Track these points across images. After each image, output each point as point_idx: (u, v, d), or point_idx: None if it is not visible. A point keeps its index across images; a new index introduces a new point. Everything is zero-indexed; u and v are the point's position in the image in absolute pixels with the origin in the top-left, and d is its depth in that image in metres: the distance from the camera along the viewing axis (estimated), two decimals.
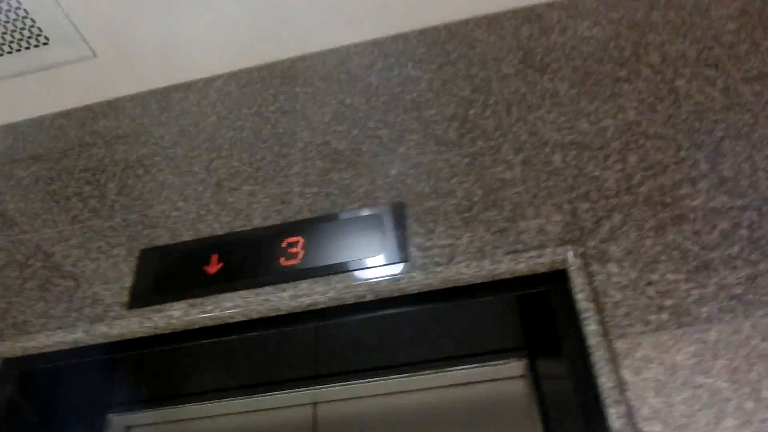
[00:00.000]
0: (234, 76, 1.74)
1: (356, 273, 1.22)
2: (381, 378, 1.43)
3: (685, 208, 1.16)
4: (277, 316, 1.24)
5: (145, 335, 1.28)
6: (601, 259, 1.13)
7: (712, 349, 0.99)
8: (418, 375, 1.42)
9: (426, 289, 1.19)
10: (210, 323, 1.26)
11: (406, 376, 1.42)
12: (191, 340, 1.26)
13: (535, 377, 1.34)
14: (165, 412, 1.52)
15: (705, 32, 1.42)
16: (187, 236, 1.40)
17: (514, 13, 1.62)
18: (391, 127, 1.47)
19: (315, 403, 1.48)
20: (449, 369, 1.41)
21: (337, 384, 1.45)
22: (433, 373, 1.42)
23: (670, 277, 1.08)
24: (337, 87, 1.60)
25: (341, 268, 1.23)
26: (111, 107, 1.79)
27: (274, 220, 1.37)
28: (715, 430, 0.92)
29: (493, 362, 1.40)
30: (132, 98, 1.79)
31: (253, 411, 1.49)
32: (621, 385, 0.99)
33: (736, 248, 1.08)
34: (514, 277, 1.17)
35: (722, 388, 0.95)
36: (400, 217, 1.29)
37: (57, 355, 1.32)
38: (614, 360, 1.01)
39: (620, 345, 1.03)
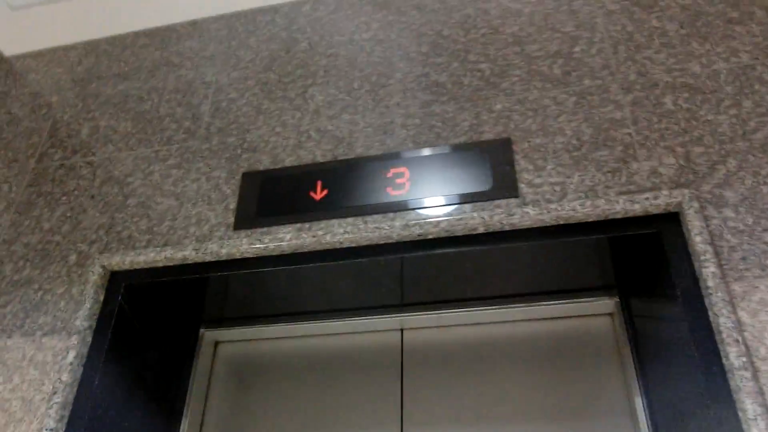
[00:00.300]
0: (321, 1, 1.71)
1: (466, 206, 1.24)
2: (472, 308, 1.48)
3: None
4: (385, 244, 1.28)
5: (254, 256, 1.32)
6: (717, 204, 1.15)
7: None
8: (508, 307, 1.46)
9: (538, 225, 1.21)
10: (318, 248, 1.29)
11: (495, 308, 1.47)
12: (297, 263, 1.30)
13: (627, 316, 1.38)
14: (255, 330, 1.59)
15: None
16: (288, 162, 1.42)
17: None
18: (492, 61, 1.46)
19: (402, 330, 1.53)
20: (539, 303, 1.46)
21: (426, 312, 1.50)
22: (522, 306, 1.46)
23: None
24: (433, 17, 1.58)
25: (451, 201, 1.26)
26: (195, 28, 1.77)
27: (377, 150, 1.39)
28: None
29: (584, 299, 1.43)
30: (216, 20, 1.77)
31: (343, 333, 1.55)
32: (739, 326, 1.03)
33: None
34: (626, 218, 1.19)
35: None
36: (507, 152, 1.30)
37: (163, 271, 1.36)
38: (732, 302, 1.05)
39: (737, 288, 1.06)
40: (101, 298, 1.35)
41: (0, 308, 1.37)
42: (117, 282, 1.37)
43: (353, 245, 1.28)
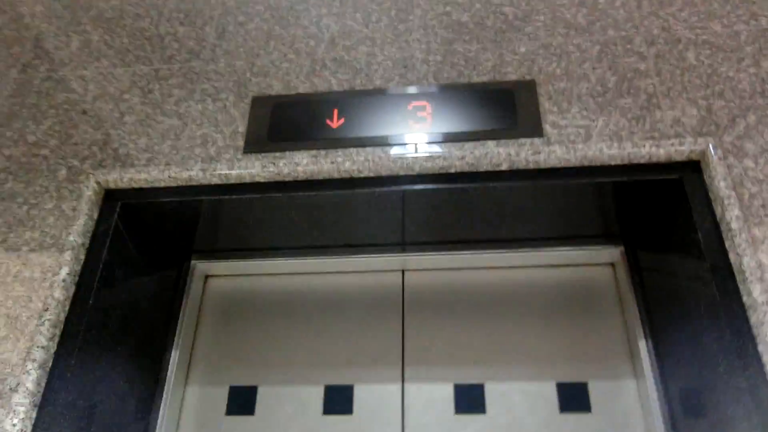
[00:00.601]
0: None
1: (490, 142, 1.22)
2: (474, 251, 1.46)
3: None
4: (406, 176, 1.24)
5: (266, 180, 1.26)
6: (738, 154, 1.17)
7: None
8: (513, 252, 1.46)
9: (562, 165, 1.21)
10: (336, 175, 1.25)
11: (498, 252, 1.46)
12: (312, 190, 1.25)
13: (634, 265, 1.39)
14: (249, 264, 1.52)
15: None
16: (302, 89, 1.36)
17: None
18: (516, 5, 1.43)
19: (403, 270, 1.51)
20: (542, 249, 1.46)
21: (427, 253, 1.48)
22: (524, 251, 1.46)
23: None
24: None
25: (474, 137, 1.23)
26: None
27: (398, 83, 1.35)
28: None
29: (587, 247, 1.44)
30: None
31: (344, 272, 1.51)
32: (760, 266, 1.05)
33: None
34: (649, 163, 1.20)
35: None
36: (531, 93, 1.29)
37: (166, 191, 1.28)
38: (753, 244, 1.07)
39: (757, 232, 1.09)
40: (95, 215, 1.26)
41: None
42: (113, 200, 1.28)
43: (372, 174, 1.24)
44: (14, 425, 1.02)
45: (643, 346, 1.30)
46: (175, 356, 1.37)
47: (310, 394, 1.34)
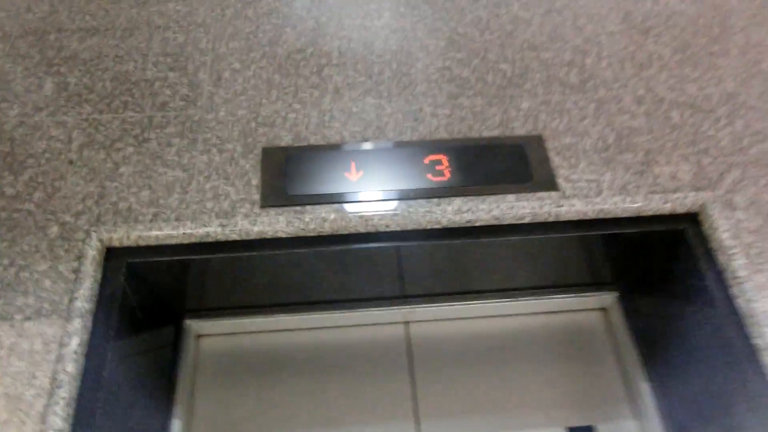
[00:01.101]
0: None
1: (510, 196, 1.26)
2: (477, 301, 1.48)
3: None
4: (432, 229, 1.24)
5: (288, 236, 1.21)
6: (730, 206, 1.29)
7: None
8: (514, 300, 1.49)
9: (580, 218, 1.26)
10: (362, 230, 1.22)
11: (497, 302, 1.49)
12: (338, 244, 1.22)
13: (630, 310, 1.47)
14: (245, 322, 1.44)
15: None
16: (313, 140, 1.33)
17: None
18: (511, 62, 1.50)
19: (407, 322, 1.49)
20: (539, 297, 1.50)
21: (430, 305, 1.48)
22: (523, 300, 1.50)
23: None
24: (446, 15, 1.59)
25: (493, 191, 1.26)
26: None
27: (410, 136, 1.35)
28: None
29: (581, 294, 1.51)
30: None
31: (348, 326, 1.47)
32: (761, 307, 1.15)
33: None
34: (655, 215, 1.29)
35: None
36: (541, 149, 1.34)
37: (177, 248, 1.20)
38: (759, 290, 1.17)
39: (760, 278, 1.19)
40: (99, 277, 1.14)
41: None
42: (115, 259, 1.17)
43: (399, 228, 1.23)
44: None
45: (640, 386, 1.37)
46: (177, 425, 1.26)
47: None
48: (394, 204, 1.23)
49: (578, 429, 1.38)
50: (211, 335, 1.44)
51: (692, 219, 1.30)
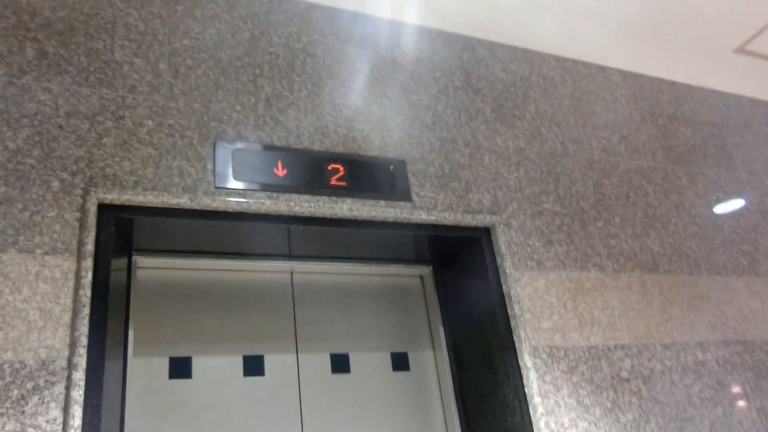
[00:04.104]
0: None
1: (383, 201, 1.89)
2: (342, 263, 2.11)
3: (543, 208, 2.18)
4: (333, 218, 1.83)
5: (235, 211, 1.70)
6: (508, 226, 2.08)
7: (555, 282, 2.05)
8: (364, 265, 2.15)
9: (421, 222, 1.95)
10: (285, 213, 1.76)
11: (356, 264, 2.14)
12: (267, 222, 1.75)
13: (439, 279, 2.22)
14: (180, 262, 1.89)
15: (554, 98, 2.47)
16: (251, 139, 1.81)
17: (460, 38, 2.39)
18: (388, 98, 2.11)
19: (292, 272, 2.07)
20: (387, 265, 2.19)
21: (309, 262, 2.08)
22: (372, 265, 2.17)
23: (537, 244, 2.10)
24: (344, 56, 2.13)
25: (374, 196, 1.89)
26: None
27: (319, 146, 1.90)
28: (583, 333, 1.98)
29: (408, 265, 2.23)
30: None
31: (253, 271, 2.00)
32: (518, 294, 1.96)
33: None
34: (466, 226, 2.03)
35: (554, 303, 2.02)
36: (404, 171, 1.99)
37: (153, 210, 1.62)
38: (516, 281, 1.98)
39: (516, 274, 2.01)
40: (97, 226, 1.54)
41: None
42: (107, 213, 1.57)
43: (308, 215, 1.80)
44: (79, 396, 1.34)
45: (439, 330, 2.15)
46: (131, 334, 1.71)
47: (234, 362, 1.84)
48: (307, 197, 1.79)
49: (397, 354, 2.11)
50: (151, 268, 1.87)
51: (486, 231, 2.06)
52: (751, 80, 3.04)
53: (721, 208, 2.61)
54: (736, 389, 2.09)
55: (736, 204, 2.67)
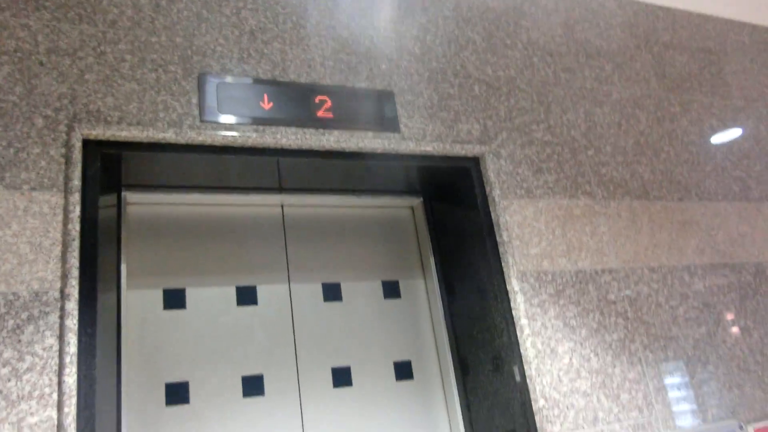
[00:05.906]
0: None
1: (371, 132, 1.89)
2: (332, 195, 2.13)
3: (533, 137, 2.18)
4: (320, 150, 1.83)
5: (221, 145, 1.71)
6: (498, 156, 2.08)
7: (544, 209, 2.06)
8: (357, 197, 2.17)
9: (410, 152, 1.95)
10: (272, 146, 1.77)
11: (344, 196, 2.16)
12: (255, 155, 1.76)
13: (426, 210, 2.24)
14: (173, 197, 1.91)
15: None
16: (236, 72, 1.80)
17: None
18: (375, 29, 2.07)
19: (282, 206, 2.09)
20: (378, 197, 2.20)
21: (300, 195, 2.09)
22: (359, 197, 2.19)
23: (527, 172, 2.10)
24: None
25: (361, 127, 1.88)
26: None
27: (306, 78, 1.89)
28: (571, 258, 2.00)
29: (398, 197, 2.24)
30: None
31: (245, 205, 2.02)
32: (507, 221, 1.98)
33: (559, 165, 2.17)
34: (455, 155, 2.03)
35: (542, 230, 2.04)
36: (392, 102, 1.98)
37: (140, 146, 1.63)
38: (504, 209, 2.00)
39: (505, 203, 2.02)
40: (82, 162, 1.55)
41: None
42: (92, 149, 1.58)
43: (295, 147, 1.80)
44: (73, 325, 1.38)
45: (429, 259, 2.18)
46: (123, 267, 1.75)
47: (227, 293, 1.88)
48: (293, 130, 1.79)
49: (388, 282, 2.15)
50: (142, 204, 1.89)
51: (475, 161, 2.07)
52: (751, 4, 2.96)
53: (714, 136, 2.59)
54: (720, 309, 2.14)
55: (730, 131, 2.65)
